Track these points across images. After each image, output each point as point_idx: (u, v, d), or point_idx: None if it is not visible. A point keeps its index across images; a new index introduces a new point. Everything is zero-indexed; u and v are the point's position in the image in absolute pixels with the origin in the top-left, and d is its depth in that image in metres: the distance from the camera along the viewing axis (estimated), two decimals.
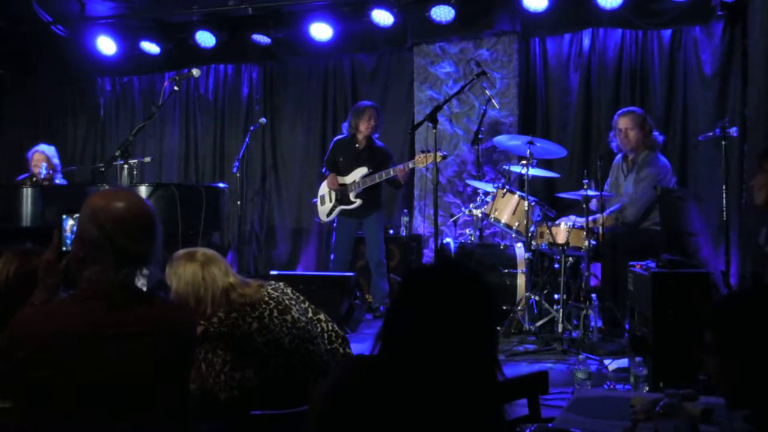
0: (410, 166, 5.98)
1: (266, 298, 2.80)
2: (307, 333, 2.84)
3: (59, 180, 6.89)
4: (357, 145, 6.29)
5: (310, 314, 2.98)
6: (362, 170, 6.19)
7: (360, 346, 3.48)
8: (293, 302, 2.90)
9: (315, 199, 6.52)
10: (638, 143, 5.47)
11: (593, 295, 5.17)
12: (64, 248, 2.05)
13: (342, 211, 6.30)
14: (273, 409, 2.64)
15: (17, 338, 1.81)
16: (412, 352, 1.53)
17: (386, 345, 1.58)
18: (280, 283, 3.00)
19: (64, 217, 2.04)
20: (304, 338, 2.81)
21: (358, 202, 6.21)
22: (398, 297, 1.61)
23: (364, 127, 6.23)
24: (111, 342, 1.86)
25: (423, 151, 5.87)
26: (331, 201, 6.33)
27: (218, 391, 2.60)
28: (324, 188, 6.38)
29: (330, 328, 3.02)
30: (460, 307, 1.54)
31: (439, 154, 5.45)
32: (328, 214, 6.37)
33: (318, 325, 2.98)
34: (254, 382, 2.65)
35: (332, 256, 6.49)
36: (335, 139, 6.52)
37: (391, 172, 6.04)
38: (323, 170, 6.45)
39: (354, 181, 6.22)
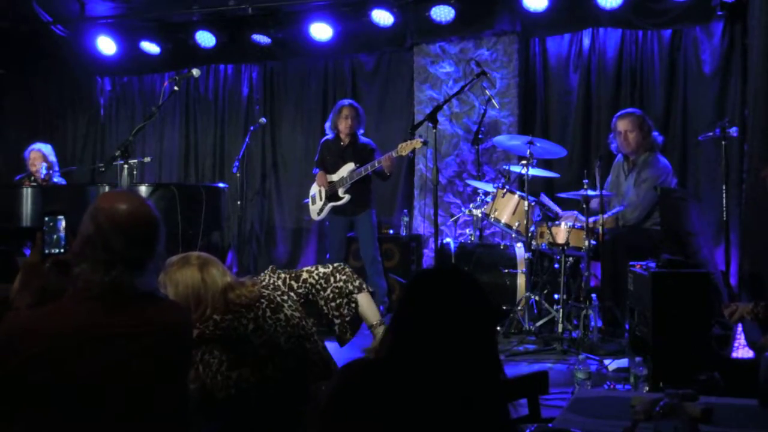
0: (394, 155, 6.00)
1: (260, 298, 2.80)
2: (302, 330, 2.83)
3: (57, 178, 6.89)
4: (341, 143, 6.35)
5: (296, 285, 3.01)
6: (349, 166, 6.24)
7: (360, 343, 3.48)
8: (285, 297, 2.89)
9: (306, 199, 6.57)
10: (638, 145, 5.48)
11: (593, 295, 5.17)
12: (47, 250, 2.01)
13: (333, 209, 6.34)
14: (273, 410, 2.64)
15: (15, 341, 1.79)
16: (417, 354, 1.55)
17: (391, 347, 1.59)
18: (270, 274, 3.01)
19: (47, 218, 2.00)
20: (300, 336, 2.81)
21: (347, 197, 6.25)
22: (402, 301, 1.64)
23: (342, 126, 6.30)
24: (110, 343, 1.86)
25: (404, 140, 6.00)
26: (321, 199, 6.39)
27: (215, 391, 2.60)
28: (314, 187, 6.45)
29: (317, 277, 3.10)
30: (462, 309, 1.57)
31: (419, 140, 5.79)
32: (319, 212, 6.43)
33: (305, 285, 3.03)
34: (251, 381, 2.65)
35: (327, 256, 6.53)
36: (322, 140, 6.58)
37: (377, 164, 6.08)
38: (314, 171, 6.48)
39: (342, 177, 6.26)
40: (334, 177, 6.33)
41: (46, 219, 2.00)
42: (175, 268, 2.73)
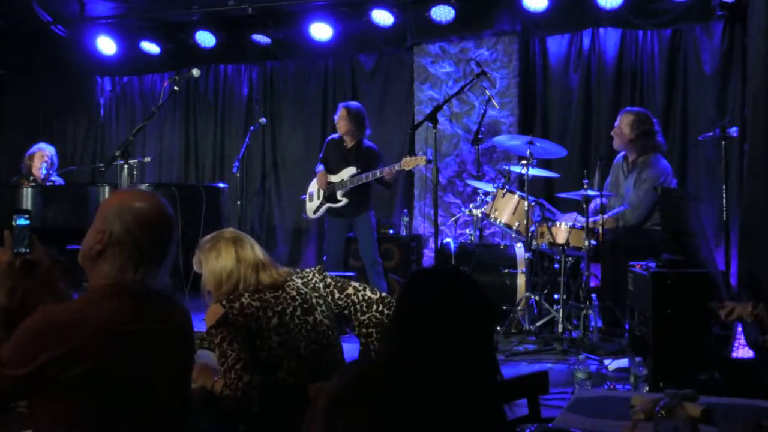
0: (396, 168, 6.00)
1: (293, 293, 2.76)
2: (326, 339, 2.76)
3: (55, 178, 6.89)
4: (345, 145, 6.33)
5: (338, 295, 2.92)
6: (351, 170, 6.22)
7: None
8: (320, 300, 2.84)
9: (304, 196, 6.55)
10: (625, 143, 5.45)
11: (593, 295, 5.17)
12: (16, 250, 1.99)
13: (330, 210, 6.32)
14: (274, 409, 2.63)
15: (55, 332, 1.77)
16: (414, 354, 1.55)
17: (390, 347, 1.60)
18: (316, 273, 2.95)
19: (15, 216, 1.99)
20: (322, 345, 2.75)
21: (345, 200, 6.23)
22: (399, 300, 1.64)
23: (339, 127, 6.29)
24: (140, 339, 1.87)
25: (409, 155, 6.05)
26: (318, 198, 6.37)
27: (224, 387, 2.54)
28: (313, 185, 6.42)
29: (361, 298, 2.94)
30: (458, 308, 1.57)
31: (424, 158, 5.84)
32: (315, 211, 6.40)
33: (347, 300, 2.93)
34: (257, 383, 2.62)
35: (325, 258, 6.51)
36: (328, 138, 6.57)
37: (378, 174, 6.07)
38: (316, 167, 6.46)
39: (342, 180, 6.24)
40: (334, 178, 6.30)
41: (14, 216, 1.99)
42: (210, 245, 2.75)
